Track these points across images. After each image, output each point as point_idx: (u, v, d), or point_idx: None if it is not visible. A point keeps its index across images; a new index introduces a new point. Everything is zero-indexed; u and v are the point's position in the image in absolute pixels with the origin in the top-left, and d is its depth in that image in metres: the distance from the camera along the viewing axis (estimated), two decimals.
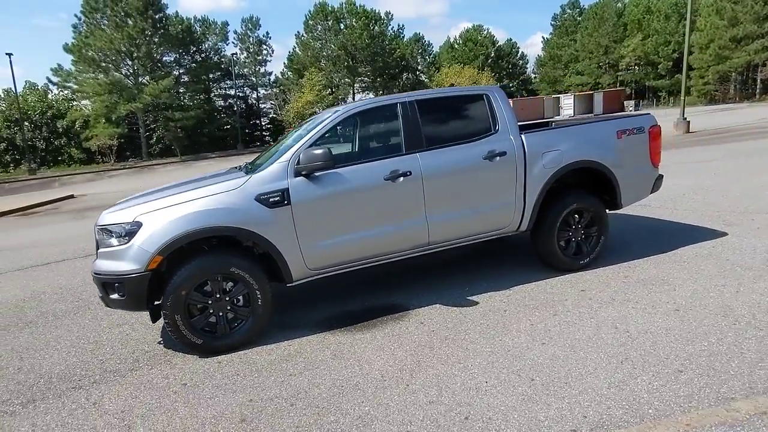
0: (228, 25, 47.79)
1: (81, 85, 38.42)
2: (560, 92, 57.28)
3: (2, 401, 3.19)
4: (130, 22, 36.92)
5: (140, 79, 39.32)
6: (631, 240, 5.46)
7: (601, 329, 3.38)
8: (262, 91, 50.31)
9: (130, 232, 3.37)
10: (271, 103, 49.27)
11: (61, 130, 38.14)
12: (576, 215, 4.55)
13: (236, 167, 4.73)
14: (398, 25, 62.37)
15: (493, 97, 4.34)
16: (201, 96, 44.72)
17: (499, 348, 3.26)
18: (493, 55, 63.84)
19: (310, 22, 49.45)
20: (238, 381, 3.16)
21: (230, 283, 3.56)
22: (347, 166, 3.84)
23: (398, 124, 4.03)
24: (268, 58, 50.45)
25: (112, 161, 35.72)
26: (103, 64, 38.05)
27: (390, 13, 59.86)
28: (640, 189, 4.89)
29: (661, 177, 5.00)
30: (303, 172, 3.65)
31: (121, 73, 39.11)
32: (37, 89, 41.18)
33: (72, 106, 39.67)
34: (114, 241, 3.44)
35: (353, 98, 50.66)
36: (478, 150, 4.13)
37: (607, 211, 4.72)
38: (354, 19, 48.76)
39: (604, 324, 3.46)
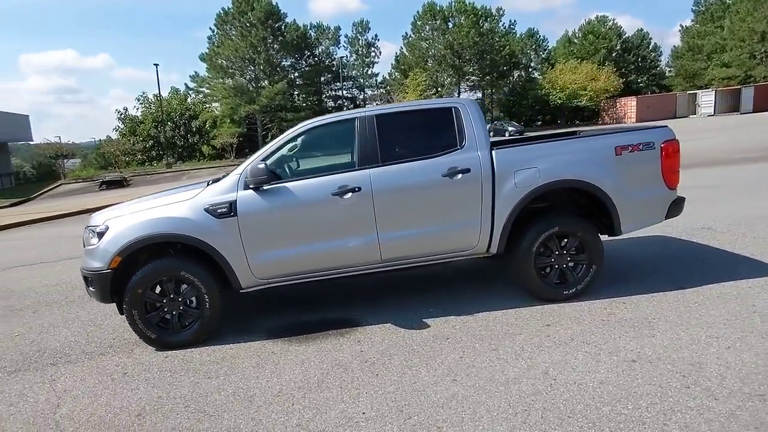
0: (340, 29, 50.33)
1: (212, 90, 43.47)
2: (700, 88, 50.39)
3: (1, 366, 3.87)
4: (252, 32, 40.84)
5: (260, 83, 43.26)
6: (652, 269, 4.76)
7: (528, 373, 3.05)
8: (369, 92, 52.21)
9: (100, 233, 3.85)
10: (377, 104, 50.81)
11: (194, 129, 43.50)
12: (559, 240, 4.10)
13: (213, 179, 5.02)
14: (510, 21, 59.90)
15: (462, 111, 4.09)
16: (312, 98, 47.84)
17: (407, 379, 3.11)
18: (618, 47, 58.24)
19: (418, 23, 49.85)
20: (166, 377, 3.44)
21: (184, 286, 3.88)
22: (298, 180, 3.93)
23: (354, 139, 4.00)
24: (376, 60, 52.03)
25: (232, 157, 39.81)
26: (230, 71, 42.64)
27: (501, 9, 57.44)
28: (648, 213, 4.24)
29: (680, 200, 4.28)
30: (251, 186, 3.82)
31: (245, 78, 43.42)
32: (179, 94, 47.41)
33: (205, 108, 45.00)
34: (93, 240, 3.95)
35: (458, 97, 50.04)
36: (438, 166, 3.93)
37: (602, 236, 4.18)
38: (463, 17, 48.03)
39: (536, 368, 3.11)
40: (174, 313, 3.88)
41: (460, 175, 3.92)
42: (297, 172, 4.08)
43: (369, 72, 51.57)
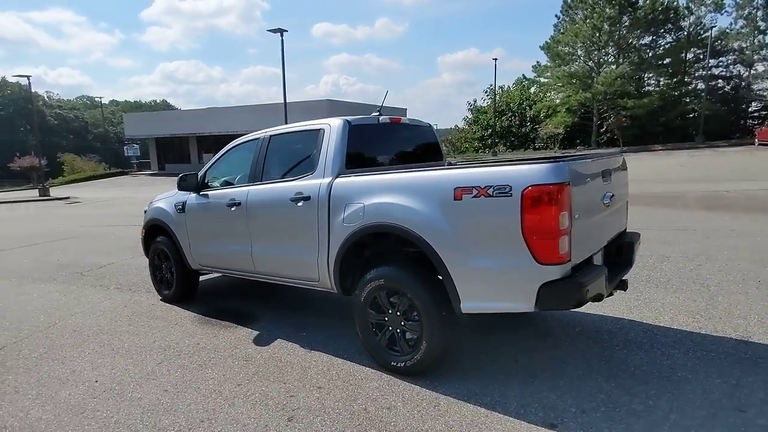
0: None
1: (551, 78, 43.00)
2: None
3: (52, 277, 6.43)
4: (597, 11, 37.52)
5: (603, 68, 39.63)
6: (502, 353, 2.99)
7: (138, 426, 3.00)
8: (760, 67, 39.00)
9: (145, 212, 5.74)
10: None
11: (528, 118, 44.52)
12: (389, 296, 3.29)
13: None
14: None
15: (325, 134, 3.77)
16: (670, 80, 40.03)
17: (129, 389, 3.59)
18: None
19: None
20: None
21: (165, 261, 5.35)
22: (215, 190, 4.67)
23: (254, 157, 4.36)
24: None
25: (556, 148, 38.78)
26: (572, 57, 40.91)
27: None
28: (501, 292, 2.82)
29: (570, 286, 2.60)
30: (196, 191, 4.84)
31: (588, 64, 40.71)
32: (523, 83, 49.16)
33: (545, 97, 45.11)
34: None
35: None
36: (290, 190, 3.85)
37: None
38: None
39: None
40: (166, 275, 5.39)
41: (301, 202, 3.74)
42: (222, 183, 4.79)
43: (759, 41, 38.58)
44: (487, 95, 48.97)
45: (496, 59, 39.02)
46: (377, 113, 4.23)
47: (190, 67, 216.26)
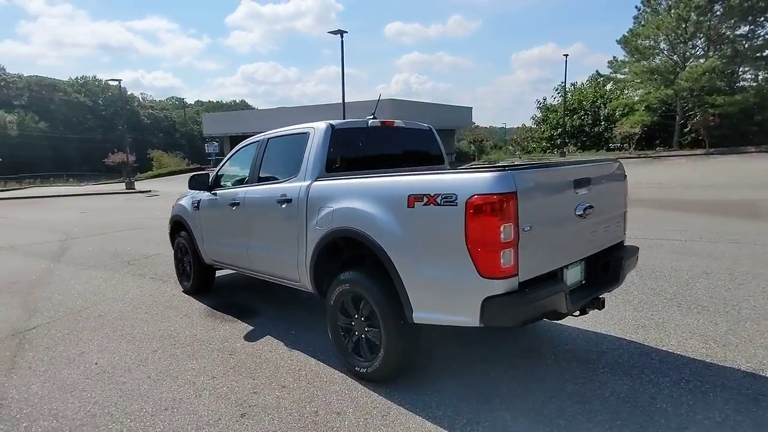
0: None
1: (632, 74, 40.11)
2: None
3: (104, 265, 6.93)
4: (683, 2, 34.38)
5: (688, 63, 36.32)
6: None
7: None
8: None
9: (172, 207, 6.13)
10: None
11: (601, 117, 41.89)
12: (355, 301, 3.29)
13: None
14: None
15: (311, 137, 3.83)
16: (766, 74, 35.83)
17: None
18: None
19: None
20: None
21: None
22: (224, 189, 4.89)
23: (254, 158, 4.53)
24: None
25: (631, 149, 36.14)
26: (653, 51, 37.90)
27: None
28: (448, 305, 2.72)
29: (521, 301, 2.47)
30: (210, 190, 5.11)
31: (671, 59, 37.53)
32: (598, 80, 46.28)
33: (621, 95, 42.25)
34: None
35: None
36: (277, 192, 3.97)
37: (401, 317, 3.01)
38: None
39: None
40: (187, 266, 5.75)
41: (285, 204, 3.85)
42: (233, 182, 5.00)
43: None
44: (558, 93, 46.81)
45: (566, 55, 37.51)
46: (371, 117, 4.23)
47: (268, 68, 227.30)
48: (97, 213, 16.88)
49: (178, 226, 5.80)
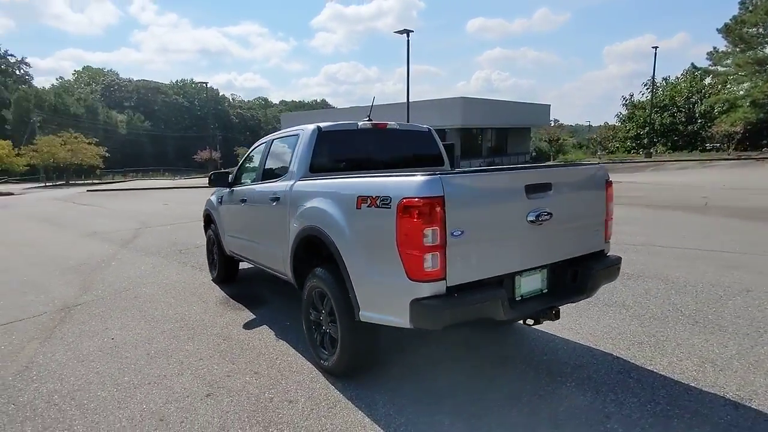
0: None
1: (735, 66, 36.14)
2: None
3: (159, 252, 7.55)
4: None
5: None
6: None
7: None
8: None
9: (207, 201, 6.65)
10: None
11: (697, 114, 38.15)
12: (321, 297, 3.44)
13: None
14: None
15: (299, 138, 4.02)
16: None
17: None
18: None
19: None
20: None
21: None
22: (239, 187, 5.23)
23: (260, 158, 4.82)
24: None
25: (730, 150, 32.53)
26: (763, 39, 33.81)
27: None
28: (385, 305, 2.76)
29: (443, 305, 2.47)
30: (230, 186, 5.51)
31: None
32: (695, 74, 42.14)
33: (720, 89, 38.24)
34: None
35: None
36: (270, 190, 4.21)
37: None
38: None
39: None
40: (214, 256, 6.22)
41: (275, 202, 4.08)
42: (252, 180, 5.32)
43: None
44: (646, 88, 43.35)
45: (656, 47, 34.30)
46: (367, 119, 4.33)
47: (349, 68, 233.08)
48: (177, 205, 18.50)
49: (208, 220, 6.29)
